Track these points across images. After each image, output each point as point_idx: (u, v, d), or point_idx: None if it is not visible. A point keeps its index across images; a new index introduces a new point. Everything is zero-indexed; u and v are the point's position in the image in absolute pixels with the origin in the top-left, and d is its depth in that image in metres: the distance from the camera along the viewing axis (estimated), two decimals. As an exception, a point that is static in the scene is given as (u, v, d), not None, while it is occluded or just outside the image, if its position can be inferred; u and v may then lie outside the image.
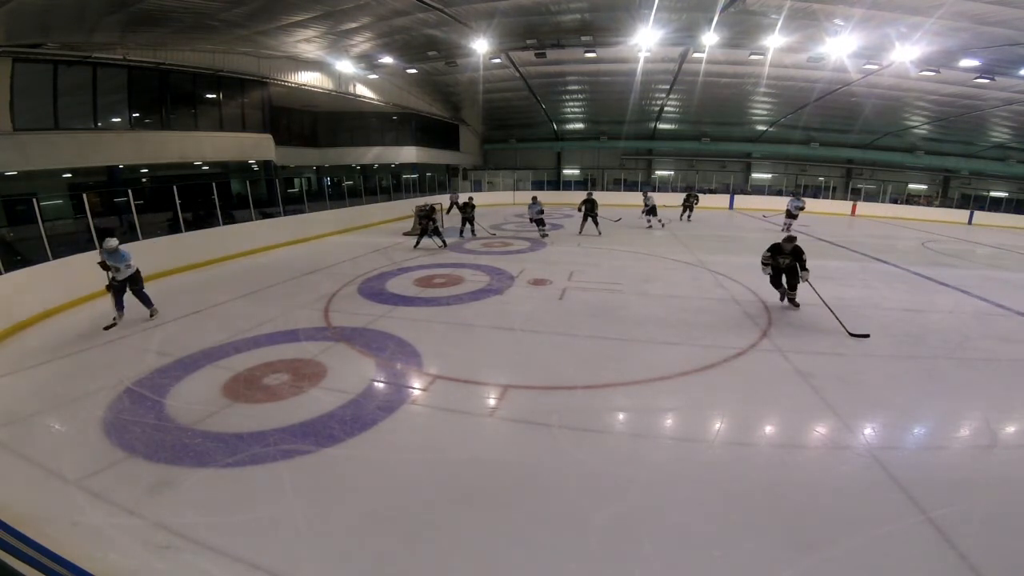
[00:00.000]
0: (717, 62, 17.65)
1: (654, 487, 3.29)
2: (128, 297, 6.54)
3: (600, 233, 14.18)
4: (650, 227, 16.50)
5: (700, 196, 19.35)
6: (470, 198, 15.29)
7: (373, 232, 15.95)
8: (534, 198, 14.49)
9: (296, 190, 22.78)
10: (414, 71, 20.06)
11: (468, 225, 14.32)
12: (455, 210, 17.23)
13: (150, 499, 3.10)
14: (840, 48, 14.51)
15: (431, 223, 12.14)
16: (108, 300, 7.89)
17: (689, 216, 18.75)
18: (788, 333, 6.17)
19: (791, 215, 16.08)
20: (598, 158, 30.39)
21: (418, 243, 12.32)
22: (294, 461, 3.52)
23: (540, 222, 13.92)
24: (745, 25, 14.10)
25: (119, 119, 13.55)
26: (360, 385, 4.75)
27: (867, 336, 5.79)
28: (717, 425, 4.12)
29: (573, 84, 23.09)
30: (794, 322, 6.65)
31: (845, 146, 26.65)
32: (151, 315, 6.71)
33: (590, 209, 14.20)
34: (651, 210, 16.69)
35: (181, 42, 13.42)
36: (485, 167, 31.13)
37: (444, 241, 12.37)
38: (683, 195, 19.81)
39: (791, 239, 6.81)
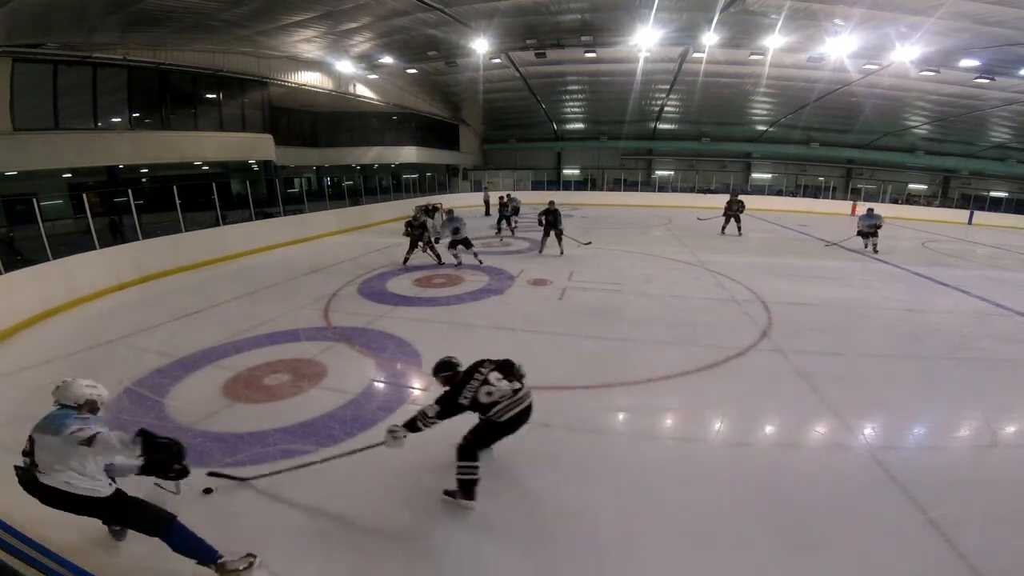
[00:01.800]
0: (717, 62, 17.65)
1: (654, 487, 3.29)
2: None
3: (563, 252, 11.03)
4: (505, 232, 14.43)
5: (743, 202, 15.14)
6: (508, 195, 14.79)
7: (373, 232, 15.94)
8: (449, 212, 10.79)
9: (296, 190, 22.83)
10: (414, 71, 20.07)
11: (506, 222, 14.28)
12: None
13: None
14: (840, 48, 14.52)
15: (424, 232, 10.06)
16: (107, 301, 7.95)
17: (739, 229, 14.67)
18: (788, 333, 6.17)
19: (867, 234, 12.39)
20: (598, 158, 30.40)
21: (407, 258, 10.17)
22: (294, 461, 3.52)
23: (460, 243, 9.97)
24: (745, 25, 14.11)
25: (119, 119, 13.58)
26: (360, 385, 4.75)
27: None
28: (717, 425, 4.12)
29: (573, 84, 23.10)
30: (794, 322, 6.64)
31: (845, 146, 26.67)
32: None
33: (552, 222, 10.98)
34: (515, 211, 14.69)
35: (181, 42, 13.43)
36: (485, 167, 31.13)
37: (439, 256, 10.20)
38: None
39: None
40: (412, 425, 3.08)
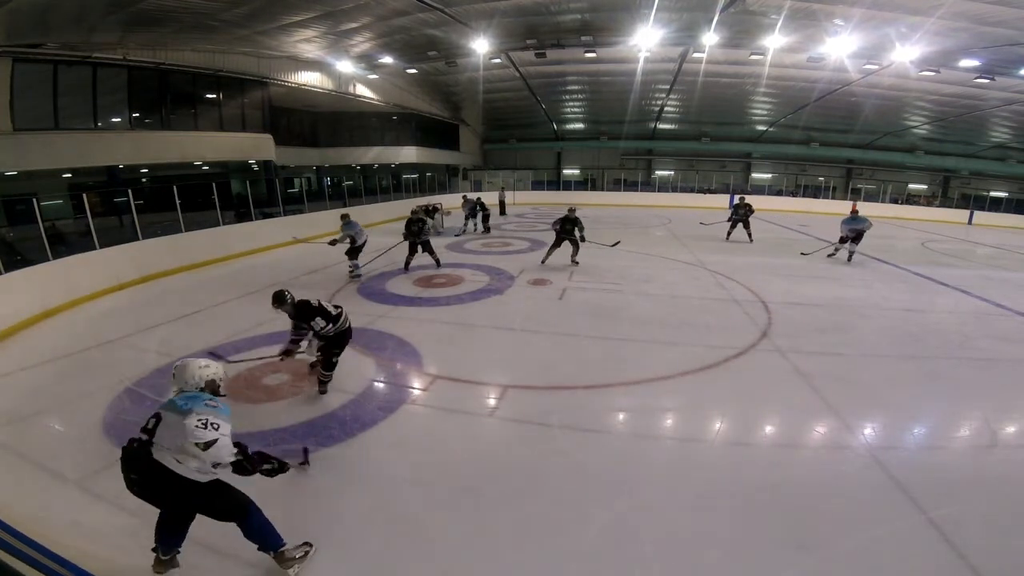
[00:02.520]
0: (717, 62, 17.66)
1: (654, 487, 3.29)
2: None
3: (577, 263, 9.68)
4: (463, 232, 14.68)
5: (752, 205, 13.77)
6: (478, 198, 15.94)
7: (373, 232, 15.77)
8: (345, 216, 9.36)
9: (296, 190, 22.81)
10: (414, 71, 20.07)
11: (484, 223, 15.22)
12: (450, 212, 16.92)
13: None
14: (840, 48, 14.52)
15: (423, 232, 9.46)
16: (107, 301, 7.94)
17: (749, 235, 13.41)
18: (788, 333, 6.17)
19: (846, 239, 10.72)
20: (598, 158, 30.41)
21: (408, 264, 9.60)
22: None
23: (355, 251, 9.17)
24: (745, 25, 14.11)
25: (119, 119, 13.56)
26: (360, 385, 4.75)
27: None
28: (717, 425, 4.12)
29: (573, 84, 23.10)
30: (794, 322, 6.64)
31: (845, 146, 26.68)
32: None
33: (569, 231, 9.45)
34: (472, 212, 14.98)
35: (181, 42, 13.43)
36: (485, 167, 31.13)
37: (438, 260, 9.82)
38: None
39: None
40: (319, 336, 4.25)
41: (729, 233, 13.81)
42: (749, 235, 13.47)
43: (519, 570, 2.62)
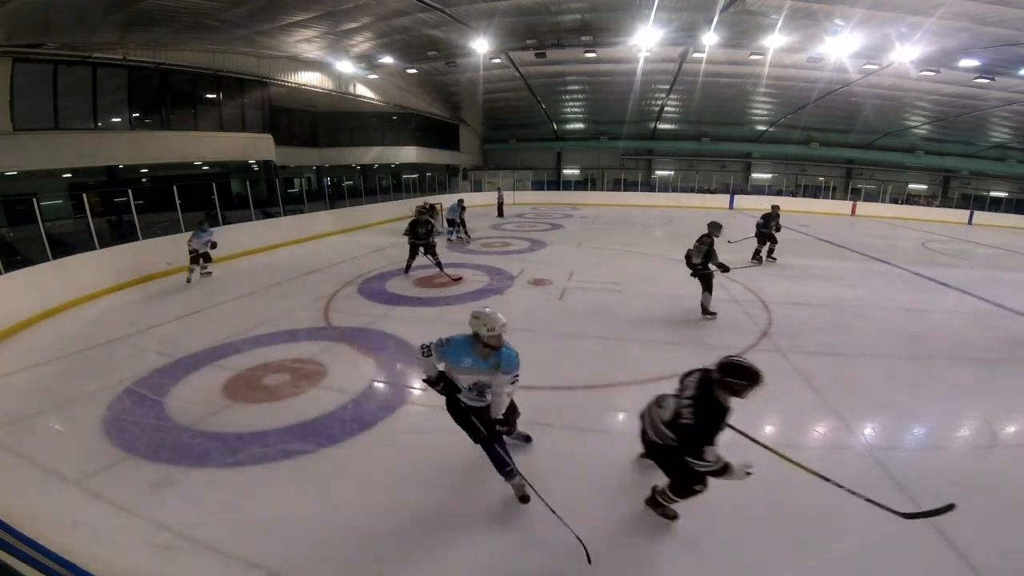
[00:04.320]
0: (717, 62, 17.65)
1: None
2: None
3: (713, 313, 6.76)
4: (449, 239, 13.14)
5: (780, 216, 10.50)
6: (460, 200, 14.49)
7: (373, 232, 15.94)
8: (202, 222, 9.32)
9: (296, 190, 22.82)
10: (414, 71, 20.07)
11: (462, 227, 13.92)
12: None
13: (150, 499, 3.10)
14: (840, 48, 14.52)
15: (431, 234, 9.17)
16: (107, 301, 7.95)
17: (772, 251, 10.58)
18: (788, 333, 6.17)
19: None
20: (598, 158, 30.41)
21: (409, 267, 9.35)
22: (294, 461, 3.52)
23: (203, 256, 9.12)
24: (745, 25, 14.11)
25: (119, 119, 13.56)
26: (360, 385, 4.75)
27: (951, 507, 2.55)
28: (717, 425, 4.12)
29: (573, 84, 23.11)
30: (794, 322, 6.64)
31: (845, 146, 26.67)
32: None
33: (708, 258, 6.77)
34: (452, 221, 13.54)
35: (181, 42, 13.43)
36: (485, 167, 31.14)
37: (440, 263, 9.14)
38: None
39: None
40: None
41: (759, 253, 10.48)
42: (772, 251, 10.57)
43: (518, 571, 2.62)
